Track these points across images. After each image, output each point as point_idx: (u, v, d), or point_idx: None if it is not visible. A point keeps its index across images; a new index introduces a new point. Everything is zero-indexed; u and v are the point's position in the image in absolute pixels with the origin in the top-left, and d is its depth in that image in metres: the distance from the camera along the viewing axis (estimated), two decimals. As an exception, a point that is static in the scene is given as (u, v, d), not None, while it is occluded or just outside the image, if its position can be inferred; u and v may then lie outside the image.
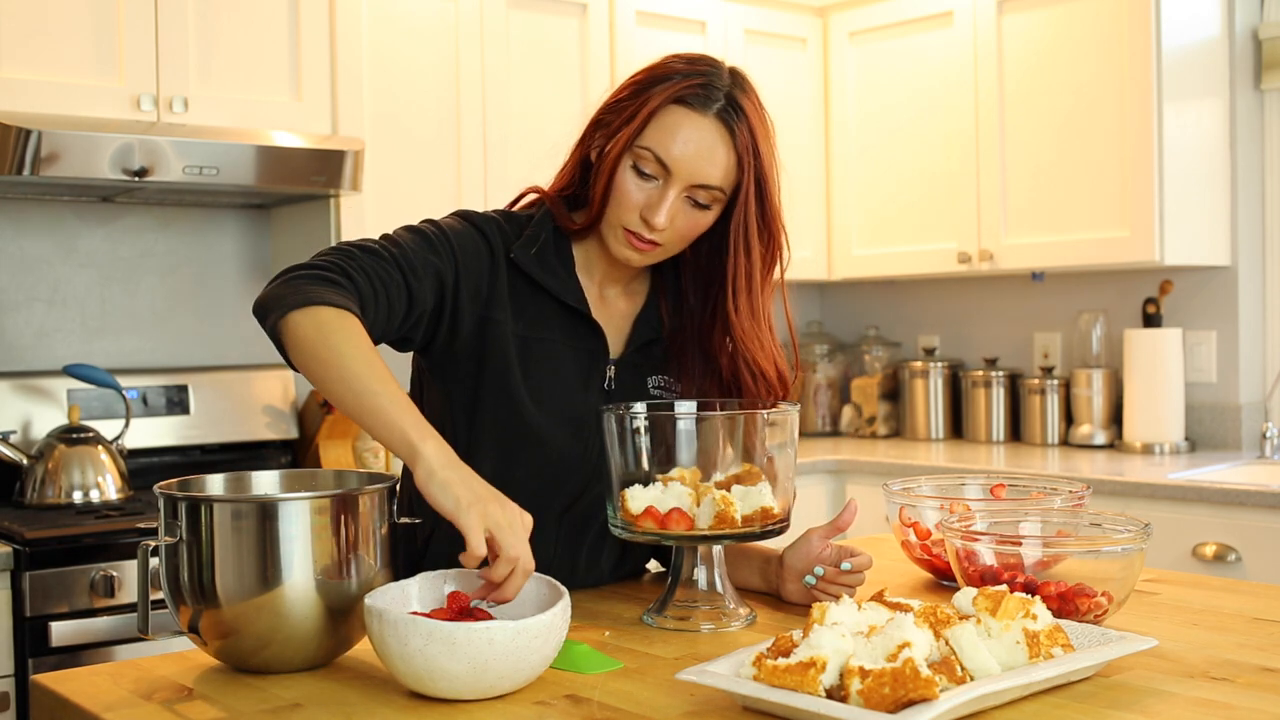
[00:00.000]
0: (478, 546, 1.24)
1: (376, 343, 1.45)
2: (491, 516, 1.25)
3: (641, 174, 1.51)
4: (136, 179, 2.65)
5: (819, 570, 1.49)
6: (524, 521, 1.28)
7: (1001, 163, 3.59)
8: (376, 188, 3.09)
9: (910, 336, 4.25)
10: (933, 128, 3.77)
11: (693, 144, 1.49)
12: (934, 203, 3.77)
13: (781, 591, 1.55)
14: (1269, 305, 3.54)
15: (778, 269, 1.61)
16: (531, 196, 1.68)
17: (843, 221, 4.02)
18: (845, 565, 1.48)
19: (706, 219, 1.55)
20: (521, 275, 1.59)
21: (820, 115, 4.05)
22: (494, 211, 1.65)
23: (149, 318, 3.17)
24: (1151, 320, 3.52)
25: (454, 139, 3.24)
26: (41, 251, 3.02)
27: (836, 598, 1.31)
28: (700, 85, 1.50)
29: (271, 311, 1.39)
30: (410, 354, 1.66)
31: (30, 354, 3.00)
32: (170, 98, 2.78)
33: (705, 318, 1.63)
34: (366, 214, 3.08)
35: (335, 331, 1.36)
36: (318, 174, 2.88)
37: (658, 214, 1.50)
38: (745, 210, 1.54)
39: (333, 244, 3.23)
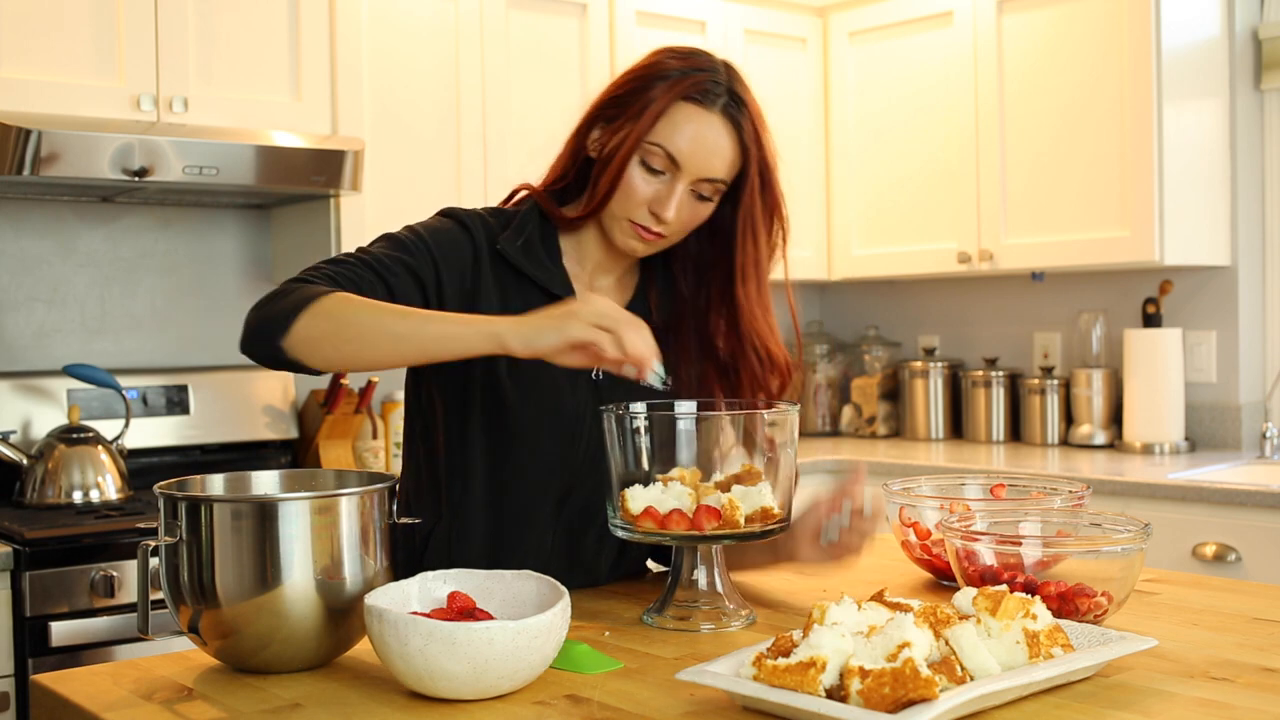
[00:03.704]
0: (609, 346, 1.34)
1: None
2: (584, 317, 1.34)
3: (649, 169, 1.55)
4: (136, 179, 2.65)
5: (835, 525, 1.52)
6: (601, 303, 1.37)
7: (1001, 162, 3.59)
8: (376, 188, 3.09)
9: (910, 336, 4.25)
10: (932, 127, 3.77)
11: (701, 140, 1.54)
12: (934, 202, 3.77)
13: (797, 557, 1.57)
14: (1269, 305, 3.54)
15: (778, 252, 1.66)
16: (523, 193, 1.70)
17: (842, 221, 4.02)
18: (846, 506, 1.52)
19: (708, 209, 1.60)
20: (508, 267, 1.60)
21: (820, 115, 4.05)
22: (483, 208, 1.67)
23: (149, 318, 3.17)
24: (1151, 320, 3.52)
25: (454, 139, 3.24)
26: (41, 251, 3.02)
27: (857, 550, 1.31)
28: (705, 82, 1.55)
29: (272, 335, 1.41)
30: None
31: (30, 354, 3.00)
32: (170, 98, 2.78)
33: (702, 302, 1.67)
34: (366, 214, 3.08)
35: (343, 307, 1.40)
36: (317, 174, 2.88)
37: (667, 208, 1.55)
38: (752, 199, 1.59)
39: (332, 244, 3.20)
